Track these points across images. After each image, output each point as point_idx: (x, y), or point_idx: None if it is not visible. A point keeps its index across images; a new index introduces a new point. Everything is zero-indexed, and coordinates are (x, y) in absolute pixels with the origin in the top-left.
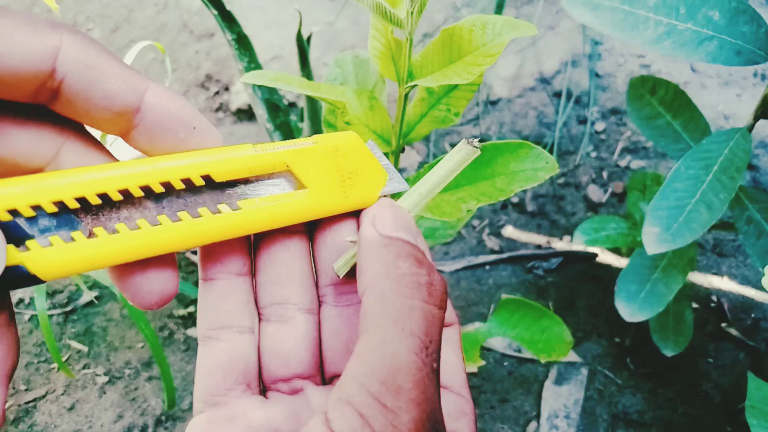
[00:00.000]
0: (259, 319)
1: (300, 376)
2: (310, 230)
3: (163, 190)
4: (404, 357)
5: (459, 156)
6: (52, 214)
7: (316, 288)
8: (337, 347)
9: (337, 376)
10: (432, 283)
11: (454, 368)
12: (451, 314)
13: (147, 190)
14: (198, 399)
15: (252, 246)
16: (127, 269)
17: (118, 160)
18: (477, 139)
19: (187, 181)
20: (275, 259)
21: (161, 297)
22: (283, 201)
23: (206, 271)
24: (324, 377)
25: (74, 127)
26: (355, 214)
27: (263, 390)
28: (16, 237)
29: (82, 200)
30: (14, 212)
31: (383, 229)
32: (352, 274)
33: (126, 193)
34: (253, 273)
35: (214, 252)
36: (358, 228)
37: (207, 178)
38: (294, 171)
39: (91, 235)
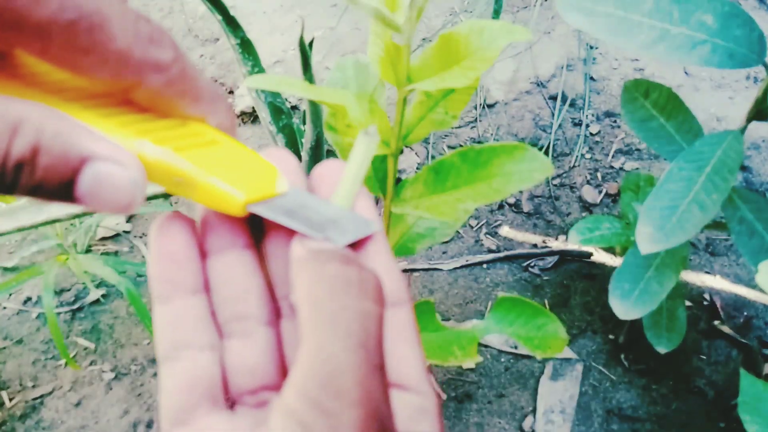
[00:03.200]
0: (221, 336)
1: (266, 387)
2: (257, 239)
3: None
4: (342, 357)
5: (362, 148)
6: None
7: (273, 300)
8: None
9: None
10: (364, 279)
11: (409, 362)
12: (402, 292)
13: None
14: (165, 420)
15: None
16: None
17: None
18: (372, 127)
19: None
20: (230, 276)
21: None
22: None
23: (158, 291)
24: None
25: None
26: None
27: (231, 404)
28: None
29: None
30: None
31: (311, 244)
32: None
33: None
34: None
35: (164, 271)
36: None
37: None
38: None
39: None
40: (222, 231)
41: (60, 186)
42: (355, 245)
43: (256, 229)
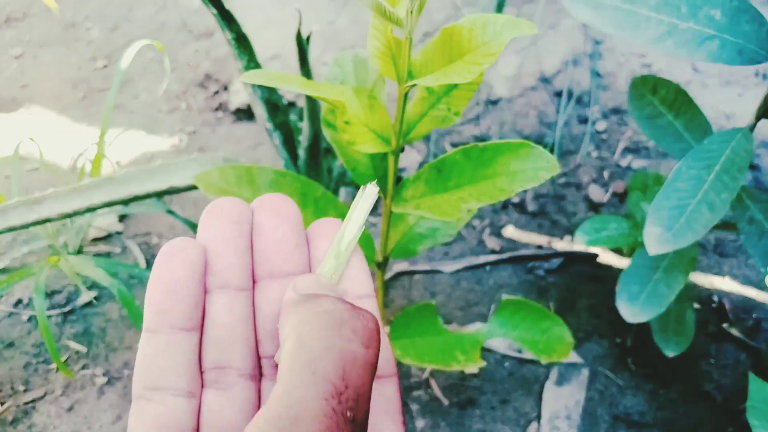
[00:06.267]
0: (202, 385)
1: None
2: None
3: None
4: (310, 404)
5: (365, 202)
6: None
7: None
8: None
9: None
10: (357, 318)
11: None
12: (389, 365)
13: None
14: None
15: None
16: None
17: None
18: (373, 182)
19: None
20: (219, 320)
21: None
22: None
23: (148, 321)
24: None
25: None
26: None
27: None
28: None
29: None
30: None
31: (304, 290)
32: None
33: None
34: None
35: (158, 301)
36: None
37: None
38: None
39: None
40: (218, 267)
41: None
42: None
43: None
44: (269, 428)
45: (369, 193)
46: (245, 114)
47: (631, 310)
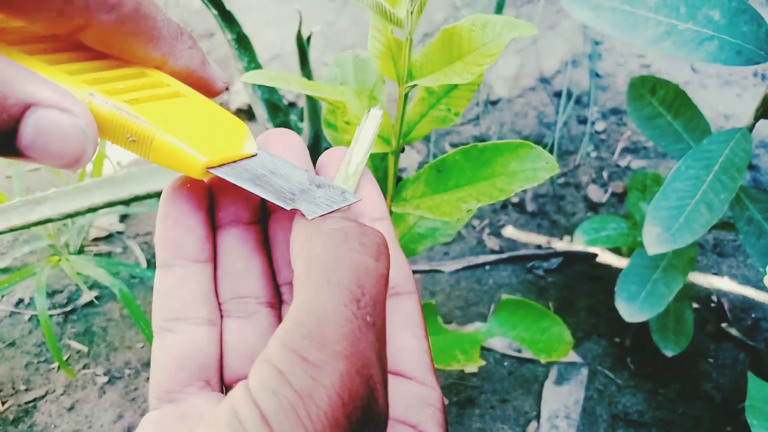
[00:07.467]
0: (221, 315)
1: None
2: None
3: None
4: (330, 308)
5: (371, 125)
6: None
7: (276, 285)
8: None
9: None
10: (364, 233)
11: (415, 352)
12: (407, 282)
13: None
14: (153, 395)
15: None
16: None
17: None
18: (377, 106)
19: None
20: (232, 252)
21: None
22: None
23: (162, 256)
24: None
25: None
26: None
27: (225, 388)
28: None
29: None
30: None
31: (313, 215)
32: None
33: None
34: (214, 262)
35: (170, 234)
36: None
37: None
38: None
39: None
40: (228, 203)
41: (0, 136)
42: None
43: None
44: (292, 336)
45: (373, 116)
46: (246, 114)
47: (630, 310)
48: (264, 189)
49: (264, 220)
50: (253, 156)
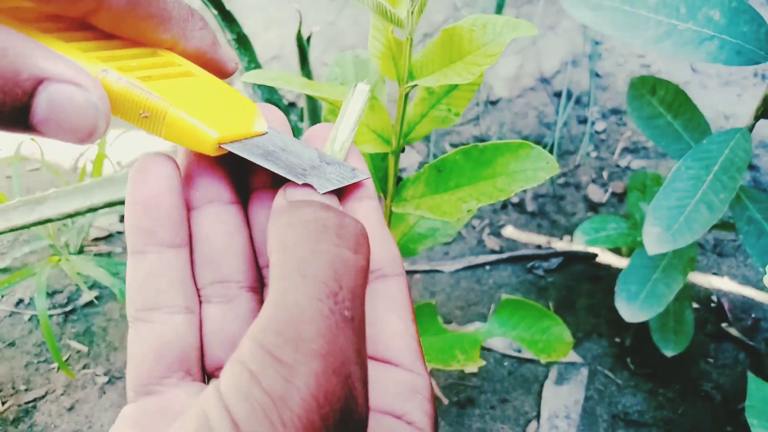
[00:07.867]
0: (200, 302)
1: None
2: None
3: None
4: (305, 304)
5: (356, 100)
6: None
7: (257, 268)
8: None
9: None
10: (342, 224)
11: (402, 337)
12: (394, 264)
13: None
14: (130, 387)
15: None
16: None
17: None
18: (365, 81)
19: None
20: (210, 234)
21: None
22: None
23: (133, 242)
24: None
25: None
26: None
27: (207, 377)
28: None
29: None
30: None
31: (293, 197)
32: None
33: None
34: (190, 246)
35: (140, 219)
36: None
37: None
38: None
39: None
40: (204, 182)
41: (13, 111)
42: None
43: (242, 186)
44: (264, 335)
45: (360, 91)
46: None
47: (630, 310)
48: (275, 164)
49: (243, 201)
50: (264, 134)
